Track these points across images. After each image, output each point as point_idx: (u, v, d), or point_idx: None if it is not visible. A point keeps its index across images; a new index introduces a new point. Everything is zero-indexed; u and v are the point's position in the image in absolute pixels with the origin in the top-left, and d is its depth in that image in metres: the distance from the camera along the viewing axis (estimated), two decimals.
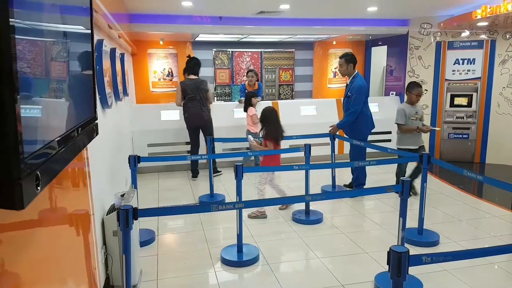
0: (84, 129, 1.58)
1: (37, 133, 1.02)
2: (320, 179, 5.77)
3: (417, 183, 4.81)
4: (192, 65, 6.10)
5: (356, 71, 5.23)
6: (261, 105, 7.05)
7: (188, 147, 6.66)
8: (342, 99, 5.50)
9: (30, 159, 0.90)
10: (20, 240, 1.29)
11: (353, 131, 5.25)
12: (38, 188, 0.93)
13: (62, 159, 1.24)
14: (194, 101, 5.95)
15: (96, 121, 1.87)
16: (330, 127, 5.39)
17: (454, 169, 3.76)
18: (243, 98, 7.07)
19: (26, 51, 0.97)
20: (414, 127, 4.99)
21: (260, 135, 4.69)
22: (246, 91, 7.24)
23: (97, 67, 3.03)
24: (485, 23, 6.46)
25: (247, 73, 7.25)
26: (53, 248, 1.68)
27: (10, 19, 0.82)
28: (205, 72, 8.85)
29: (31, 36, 1.04)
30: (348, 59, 5.16)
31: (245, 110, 6.41)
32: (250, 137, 4.95)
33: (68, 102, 1.44)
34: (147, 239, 3.86)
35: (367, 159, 4.39)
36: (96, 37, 2.94)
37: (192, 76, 6.05)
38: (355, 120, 5.13)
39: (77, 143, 1.45)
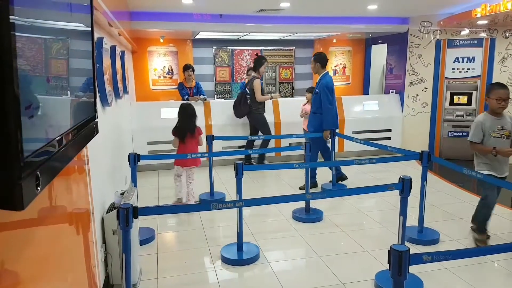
0: (84, 128, 1.57)
1: (37, 132, 1.01)
2: (320, 177, 5.77)
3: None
4: (254, 63, 6.49)
5: (326, 71, 5.48)
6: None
7: None
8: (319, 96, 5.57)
9: (30, 159, 0.89)
10: (20, 239, 1.28)
11: (321, 126, 5.40)
12: (38, 188, 0.93)
13: (62, 159, 1.23)
14: (237, 97, 6.55)
15: (96, 120, 1.86)
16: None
17: (455, 167, 3.75)
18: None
19: (27, 48, 0.96)
20: (489, 147, 3.52)
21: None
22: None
23: (97, 65, 3.02)
24: (485, 22, 6.45)
25: (247, 71, 7.24)
26: (53, 247, 1.67)
27: (11, 16, 0.81)
28: (205, 70, 8.83)
29: (32, 33, 1.03)
30: (315, 58, 5.50)
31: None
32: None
33: (68, 100, 1.43)
34: (147, 238, 3.86)
35: (367, 157, 4.37)
36: (96, 35, 2.93)
37: (252, 73, 6.50)
38: (320, 117, 5.37)
39: (77, 142, 1.45)
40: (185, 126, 4.65)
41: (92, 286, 2.37)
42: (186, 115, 4.66)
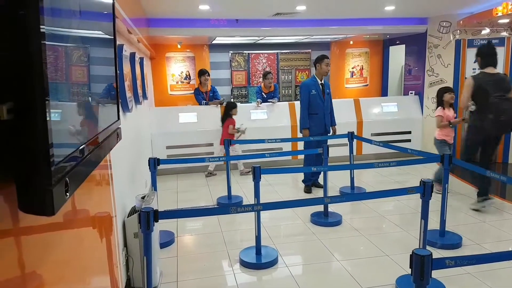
0: (109, 134, 1.61)
1: (66, 139, 1.04)
2: (338, 180, 5.73)
3: None
4: (486, 55, 4.66)
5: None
6: (279, 106, 7.09)
7: (205, 149, 6.69)
8: (306, 100, 5.41)
9: (60, 166, 0.92)
10: (46, 242, 1.32)
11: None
12: (67, 194, 0.95)
13: (89, 165, 1.26)
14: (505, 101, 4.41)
15: (119, 126, 1.90)
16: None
17: (477, 169, 3.68)
18: (260, 100, 7.09)
19: (55, 57, 1.00)
20: None
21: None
22: (263, 93, 7.26)
23: (118, 71, 3.08)
24: (506, 20, 6.30)
25: (265, 75, 7.25)
26: (77, 250, 1.71)
27: (41, 26, 0.84)
28: (222, 74, 8.90)
29: (60, 42, 1.07)
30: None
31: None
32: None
33: (94, 106, 1.47)
34: (167, 241, 3.90)
35: (386, 160, 4.32)
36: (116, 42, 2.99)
37: (490, 70, 4.60)
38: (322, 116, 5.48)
39: (103, 148, 1.48)
40: (223, 117, 6.51)
41: None
42: (226, 109, 6.52)
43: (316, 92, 5.39)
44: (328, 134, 5.55)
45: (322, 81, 5.43)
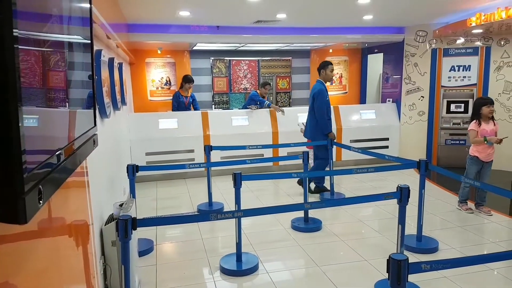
0: (85, 140, 1.58)
1: (40, 146, 1.02)
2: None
3: None
4: None
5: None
6: (261, 112, 7.11)
7: (185, 155, 6.65)
8: (324, 106, 5.62)
9: (33, 173, 0.90)
10: (19, 251, 1.28)
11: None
12: (41, 202, 0.93)
13: (64, 172, 1.24)
14: None
15: (96, 132, 1.87)
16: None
17: (452, 175, 3.77)
18: (257, 106, 7.19)
19: (28, 61, 0.98)
20: None
21: None
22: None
23: (96, 77, 3.04)
24: (480, 30, 6.53)
25: (265, 85, 7.37)
26: (52, 259, 1.67)
27: (14, 30, 0.83)
28: (203, 80, 8.88)
29: (33, 46, 1.05)
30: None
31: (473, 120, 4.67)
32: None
33: (69, 113, 1.44)
34: (146, 249, 3.84)
35: (365, 166, 4.39)
36: (94, 48, 2.95)
37: None
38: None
39: (78, 155, 1.46)
40: None
41: None
42: None
43: (328, 98, 5.63)
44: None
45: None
